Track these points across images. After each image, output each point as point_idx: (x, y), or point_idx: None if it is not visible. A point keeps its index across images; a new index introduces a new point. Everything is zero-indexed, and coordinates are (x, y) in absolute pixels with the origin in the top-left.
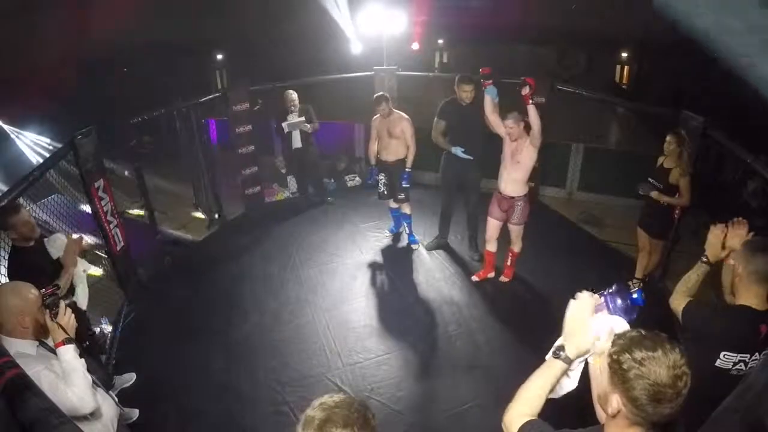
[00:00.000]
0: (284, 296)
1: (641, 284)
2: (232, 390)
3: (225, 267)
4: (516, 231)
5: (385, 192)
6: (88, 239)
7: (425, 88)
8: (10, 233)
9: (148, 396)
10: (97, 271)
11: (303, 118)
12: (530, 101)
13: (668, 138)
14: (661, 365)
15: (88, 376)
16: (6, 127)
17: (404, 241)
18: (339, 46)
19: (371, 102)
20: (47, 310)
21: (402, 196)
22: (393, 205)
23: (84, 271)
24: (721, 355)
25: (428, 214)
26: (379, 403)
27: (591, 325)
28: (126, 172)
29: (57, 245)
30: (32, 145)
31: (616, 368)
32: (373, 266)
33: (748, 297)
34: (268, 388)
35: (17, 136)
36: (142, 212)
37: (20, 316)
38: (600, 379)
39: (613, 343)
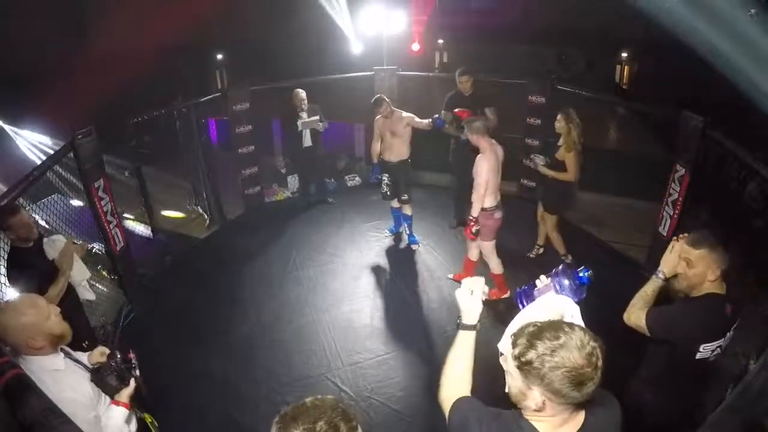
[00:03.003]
0: (284, 296)
1: (542, 251)
2: (232, 390)
3: (225, 267)
4: (482, 247)
5: (389, 192)
6: (88, 245)
7: (425, 88)
8: (8, 233)
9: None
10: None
11: (317, 117)
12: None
13: (557, 117)
14: (570, 349)
15: None
16: (6, 126)
17: (404, 242)
18: (339, 46)
19: (371, 102)
20: (117, 377)
21: (406, 196)
22: (395, 205)
23: (85, 280)
24: (701, 348)
25: (428, 215)
26: (379, 403)
27: (470, 297)
28: (126, 173)
29: (55, 246)
30: (32, 145)
31: (528, 368)
32: (374, 266)
33: (713, 286)
34: (268, 388)
35: (17, 136)
36: (133, 217)
37: (27, 338)
38: (513, 381)
39: (514, 344)
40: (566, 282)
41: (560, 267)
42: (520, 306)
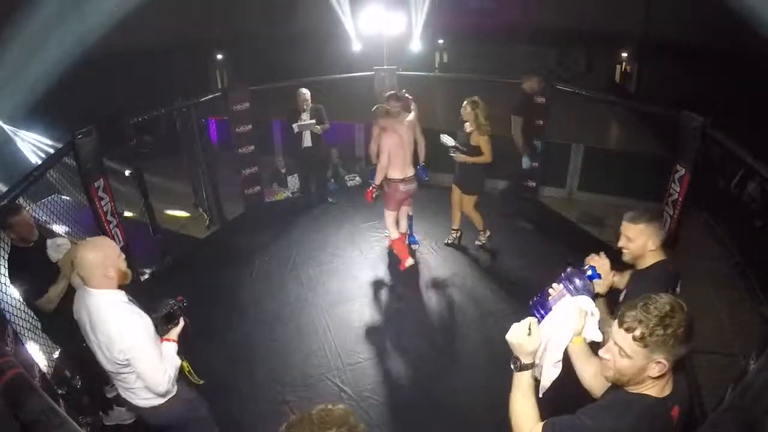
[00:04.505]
0: (284, 296)
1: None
2: (232, 390)
3: (225, 267)
4: (385, 214)
5: None
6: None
7: (425, 88)
8: (8, 233)
9: None
10: None
11: (314, 121)
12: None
13: (463, 104)
14: (678, 312)
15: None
16: (6, 126)
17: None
18: (339, 46)
19: (371, 102)
20: (170, 316)
21: None
22: None
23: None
24: None
25: (428, 214)
26: (379, 403)
27: (530, 336)
28: (126, 172)
29: (60, 249)
30: (32, 145)
31: (653, 340)
32: (374, 266)
33: (655, 255)
34: (268, 388)
35: (16, 136)
36: (132, 214)
37: (104, 268)
38: (630, 362)
39: (628, 329)
40: (579, 282)
41: (568, 270)
42: (537, 317)
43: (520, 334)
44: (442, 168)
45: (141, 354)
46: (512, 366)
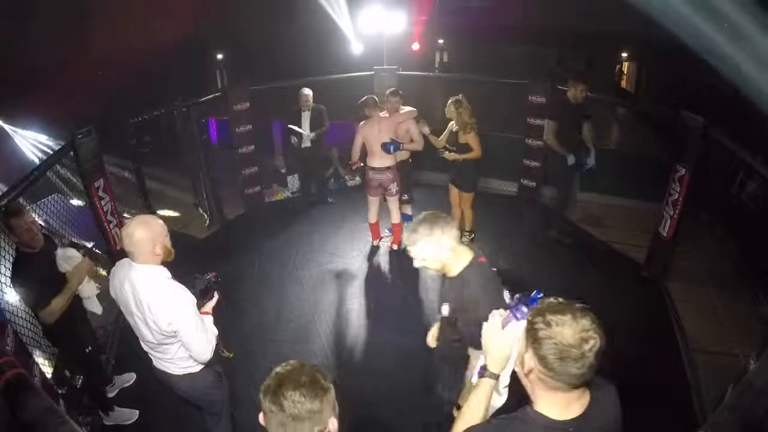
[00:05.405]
0: (284, 296)
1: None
2: (232, 390)
3: (224, 267)
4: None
5: None
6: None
7: (425, 88)
8: (11, 237)
9: (148, 396)
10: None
11: (306, 132)
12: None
13: (447, 104)
14: (567, 327)
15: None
16: (5, 126)
17: (405, 241)
18: (339, 46)
19: (387, 92)
20: (205, 291)
21: (406, 196)
22: None
23: (88, 297)
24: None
25: None
26: (379, 402)
27: (505, 338)
28: (126, 172)
29: (70, 261)
30: (32, 144)
31: (530, 329)
32: (373, 266)
33: (459, 258)
34: None
35: (16, 135)
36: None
37: (152, 245)
38: (520, 345)
39: (534, 309)
40: (525, 309)
41: (516, 296)
42: None
43: (490, 337)
44: (441, 168)
45: (188, 325)
46: (477, 372)
